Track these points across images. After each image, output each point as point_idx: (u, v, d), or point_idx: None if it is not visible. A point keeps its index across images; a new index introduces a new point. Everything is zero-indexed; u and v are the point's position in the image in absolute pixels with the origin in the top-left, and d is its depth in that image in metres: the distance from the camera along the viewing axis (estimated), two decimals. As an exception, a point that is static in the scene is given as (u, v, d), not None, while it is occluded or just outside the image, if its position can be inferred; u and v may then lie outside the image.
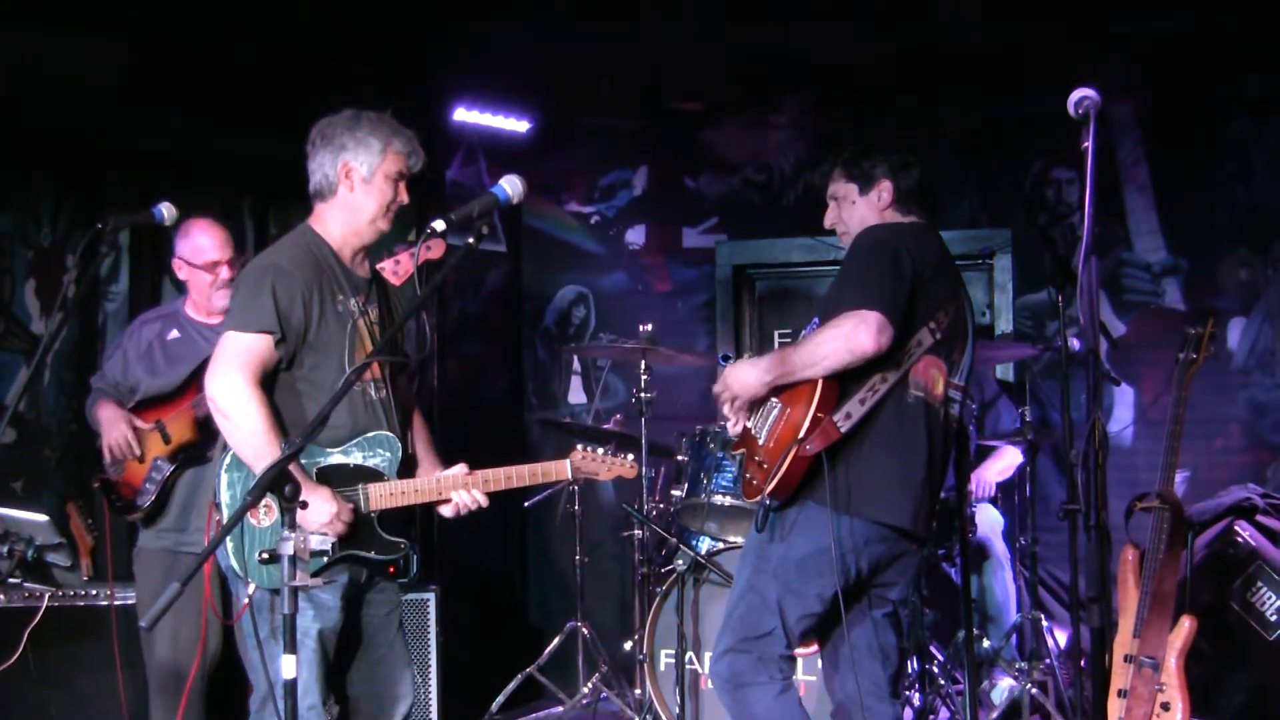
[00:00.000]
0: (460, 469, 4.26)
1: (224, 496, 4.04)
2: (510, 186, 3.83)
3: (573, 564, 6.97)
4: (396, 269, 5.04)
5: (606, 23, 7.40)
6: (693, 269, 8.40)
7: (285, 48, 6.70)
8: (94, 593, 5.34)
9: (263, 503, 3.93)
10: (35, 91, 6.10)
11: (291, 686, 3.34)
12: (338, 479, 4.04)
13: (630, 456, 4.59)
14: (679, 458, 6.24)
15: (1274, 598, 5.95)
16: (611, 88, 8.32)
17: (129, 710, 5.14)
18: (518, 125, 8.12)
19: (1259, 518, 6.20)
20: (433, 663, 6.27)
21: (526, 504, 7.74)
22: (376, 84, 7.05)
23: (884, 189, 4.35)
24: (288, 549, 3.33)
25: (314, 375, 4.07)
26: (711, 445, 6.08)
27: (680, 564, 5.85)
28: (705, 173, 8.39)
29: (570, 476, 4.45)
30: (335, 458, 4.06)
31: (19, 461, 6.35)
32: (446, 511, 4.27)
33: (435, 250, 4.71)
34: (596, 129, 8.49)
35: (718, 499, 5.98)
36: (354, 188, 4.16)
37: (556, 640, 6.88)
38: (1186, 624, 4.88)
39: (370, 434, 4.11)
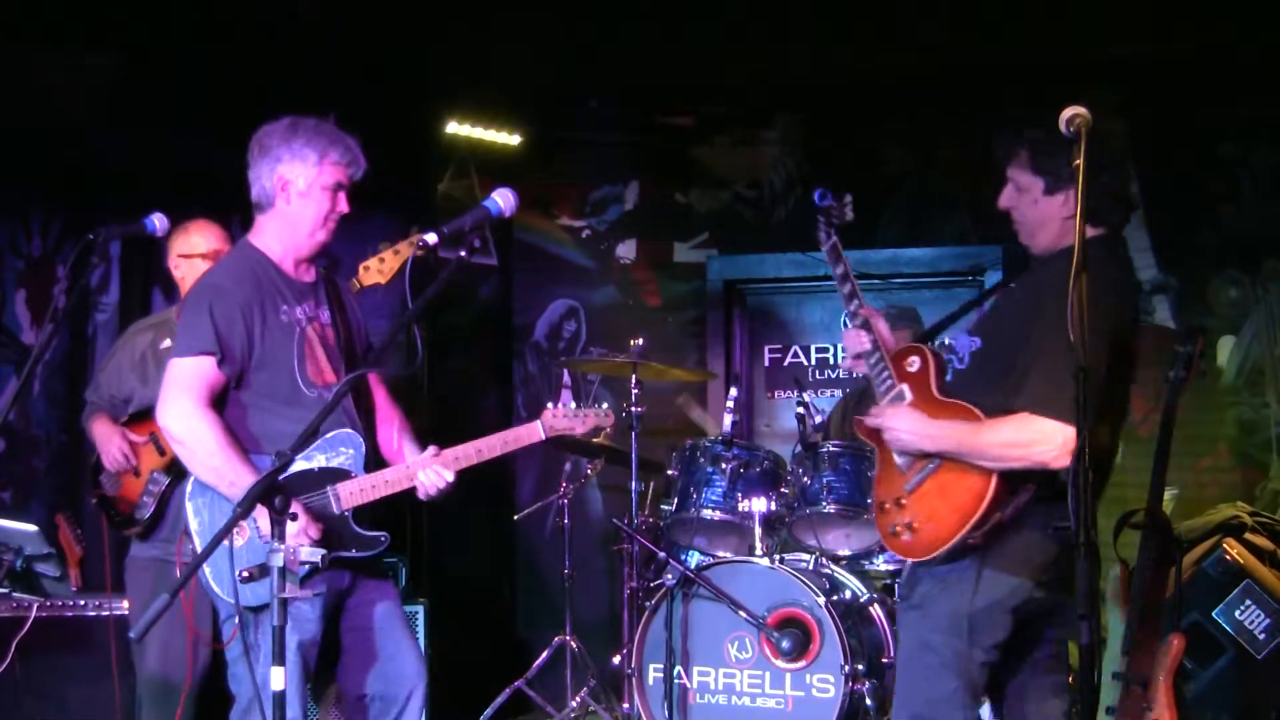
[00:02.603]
0: (429, 451, 4.24)
1: (193, 524, 4.01)
2: (502, 200, 3.82)
3: (561, 578, 6.96)
4: (382, 267, 5.04)
5: (598, 38, 7.42)
6: (683, 284, 8.41)
7: (278, 62, 6.69)
8: (83, 603, 5.32)
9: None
10: (26, 103, 6.10)
11: (280, 699, 3.34)
12: (305, 485, 4.01)
13: (605, 405, 4.57)
14: (669, 472, 6.24)
15: (1262, 616, 5.96)
16: (603, 103, 8.34)
17: (120, 720, 5.15)
18: (509, 139, 8.14)
19: (1247, 536, 6.21)
20: (421, 676, 6.26)
21: (516, 517, 7.76)
22: (369, 98, 7.05)
23: (1073, 195, 3.72)
24: (277, 561, 3.33)
25: (265, 389, 4.06)
26: (701, 460, 6.08)
27: (669, 579, 5.84)
28: (696, 188, 8.41)
29: (543, 437, 4.40)
30: (298, 464, 3.97)
31: (8, 472, 6.35)
32: (419, 495, 4.22)
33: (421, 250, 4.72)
34: (588, 143, 8.50)
35: (707, 514, 5.98)
36: (290, 200, 4.13)
37: (545, 654, 6.87)
38: (1175, 642, 4.87)
39: (330, 434, 4.08)
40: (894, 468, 3.97)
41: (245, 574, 3.39)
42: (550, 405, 4.44)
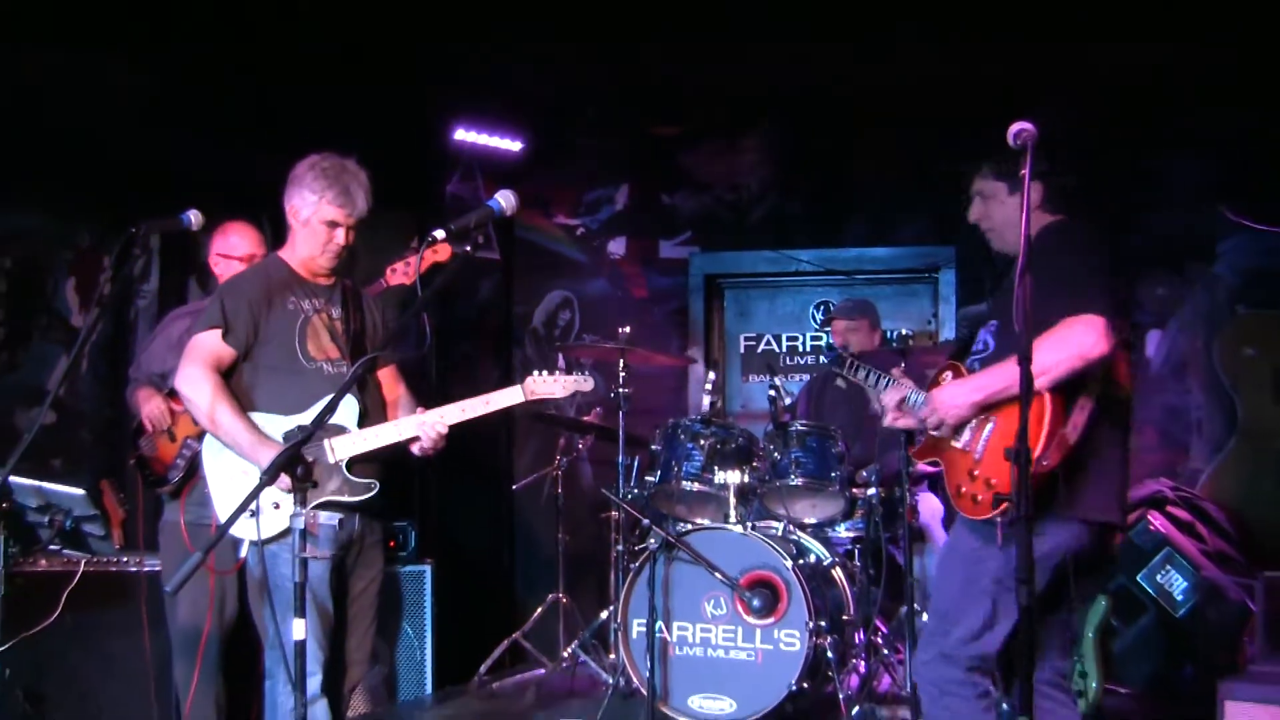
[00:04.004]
0: (417, 412, 4.41)
1: (206, 467, 4.30)
2: (504, 200, 3.84)
3: (555, 542, 7.03)
4: (407, 269, 5.15)
5: (595, 53, 7.45)
6: (667, 278, 8.46)
7: (301, 74, 6.72)
8: (124, 560, 5.37)
9: (242, 469, 4.17)
10: (79, 109, 6.13)
11: (301, 648, 3.45)
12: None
13: (586, 373, 4.61)
14: (653, 447, 6.26)
15: (1181, 580, 6.05)
16: (597, 113, 8.38)
17: (154, 668, 5.20)
18: (512, 145, 8.20)
19: (1169, 509, 6.30)
20: (427, 630, 6.34)
21: (514, 487, 7.81)
22: (384, 108, 7.08)
23: (1033, 189, 3.82)
24: (299, 524, 3.42)
25: (266, 360, 4.32)
26: (682, 436, 6.11)
27: (653, 543, 5.87)
28: (681, 191, 8.45)
29: (524, 399, 4.47)
30: (296, 421, 4.24)
31: (59, 442, 6.37)
32: (415, 450, 4.39)
33: (442, 253, 4.82)
34: (583, 149, 8.54)
35: (687, 485, 6.00)
36: (296, 226, 4.41)
37: (539, 610, 6.94)
38: (1103, 602, 4.95)
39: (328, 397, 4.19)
40: (957, 454, 3.91)
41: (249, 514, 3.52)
42: (535, 372, 4.48)
